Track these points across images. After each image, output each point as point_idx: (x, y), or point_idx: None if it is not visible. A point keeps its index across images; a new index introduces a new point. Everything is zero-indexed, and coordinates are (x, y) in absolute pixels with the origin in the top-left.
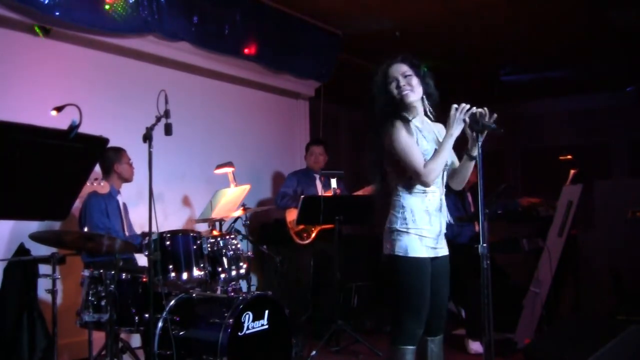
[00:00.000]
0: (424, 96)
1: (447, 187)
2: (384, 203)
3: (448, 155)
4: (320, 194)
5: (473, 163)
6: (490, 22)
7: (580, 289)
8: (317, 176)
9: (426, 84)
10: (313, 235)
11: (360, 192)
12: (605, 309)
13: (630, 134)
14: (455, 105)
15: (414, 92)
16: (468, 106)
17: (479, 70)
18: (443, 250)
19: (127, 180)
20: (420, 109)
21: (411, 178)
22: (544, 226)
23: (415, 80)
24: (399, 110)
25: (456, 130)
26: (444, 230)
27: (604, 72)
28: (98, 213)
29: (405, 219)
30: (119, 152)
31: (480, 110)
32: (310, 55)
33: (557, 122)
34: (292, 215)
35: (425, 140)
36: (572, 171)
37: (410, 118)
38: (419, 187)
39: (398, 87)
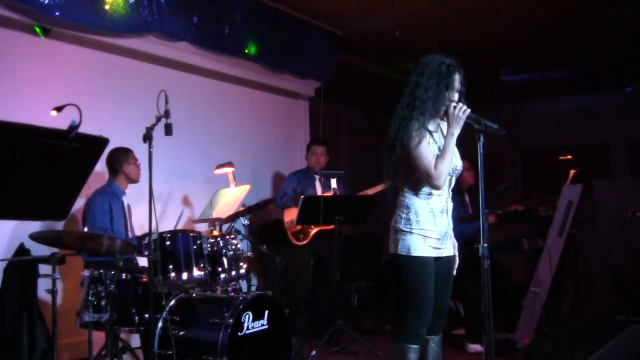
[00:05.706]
0: None
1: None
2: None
3: (452, 154)
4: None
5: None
6: (490, 22)
7: (580, 289)
8: (317, 177)
9: None
10: (310, 236)
11: (369, 192)
12: (605, 309)
13: (630, 134)
14: (454, 104)
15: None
16: (466, 108)
17: (478, 70)
18: (447, 250)
19: (134, 180)
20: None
21: (418, 179)
22: (544, 226)
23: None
24: (432, 114)
25: (457, 129)
26: (449, 232)
27: (604, 72)
28: (101, 213)
29: (409, 219)
30: (127, 152)
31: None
32: (310, 55)
33: (557, 122)
34: (289, 215)
35: (436, 144)
36: (572, 171)
37: (428, 125)
38: (425, 188)
39: (452, 99)
